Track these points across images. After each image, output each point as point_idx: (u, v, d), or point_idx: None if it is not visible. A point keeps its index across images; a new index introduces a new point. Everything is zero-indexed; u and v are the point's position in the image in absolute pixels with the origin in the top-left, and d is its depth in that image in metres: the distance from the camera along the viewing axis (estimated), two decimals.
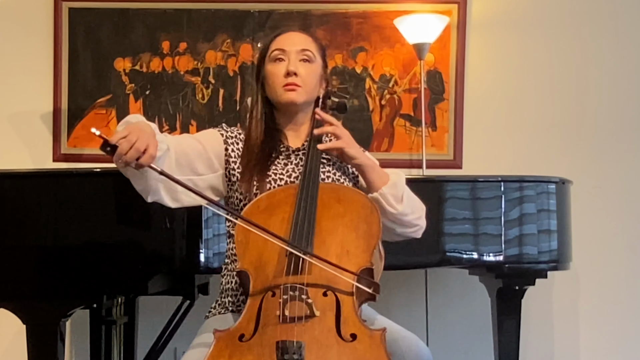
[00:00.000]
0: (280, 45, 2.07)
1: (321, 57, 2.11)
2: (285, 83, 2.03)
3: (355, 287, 1.76)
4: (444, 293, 3.58)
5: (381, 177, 2.00)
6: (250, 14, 3.67)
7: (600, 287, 3.68)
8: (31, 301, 2.44)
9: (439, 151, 3.67)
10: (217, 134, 2.08)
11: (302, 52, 2.06)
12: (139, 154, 1.74)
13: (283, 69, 2.04)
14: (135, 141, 1.73)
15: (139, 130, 1.77)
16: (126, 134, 1.74)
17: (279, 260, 1.78)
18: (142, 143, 1.74)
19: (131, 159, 1.73)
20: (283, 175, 2.04)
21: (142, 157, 1.74)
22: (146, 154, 1.75)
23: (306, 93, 2.06)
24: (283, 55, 2.05)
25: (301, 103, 2.06)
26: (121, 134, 1.74)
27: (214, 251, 2.51)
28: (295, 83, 2.03)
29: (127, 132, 1.75)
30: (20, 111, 3.69)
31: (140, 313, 3.12)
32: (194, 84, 3.68)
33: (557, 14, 3.72)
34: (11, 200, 2.50)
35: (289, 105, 2.07)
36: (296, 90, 2.03)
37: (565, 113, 3.71)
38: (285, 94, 2.04)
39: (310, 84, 2.07)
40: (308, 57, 2.06)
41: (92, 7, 3.67)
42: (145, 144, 1.74)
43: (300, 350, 1.62)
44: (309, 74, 2.06)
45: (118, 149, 1.72)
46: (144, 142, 1.74)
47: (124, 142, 1.73)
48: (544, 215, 2.91)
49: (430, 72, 3.66)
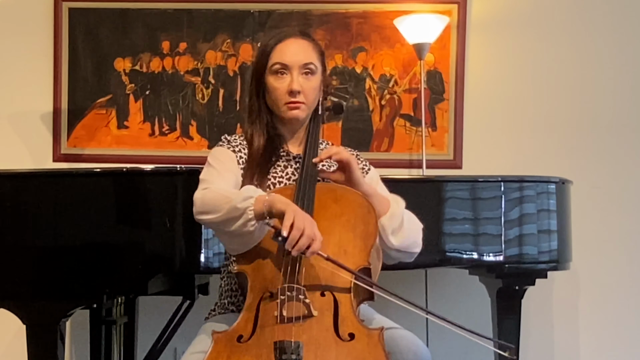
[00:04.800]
0: (282, 58, 2.05)
1: (321, 63, 2.11)
2: (289, 102, 2.04)
3: (354, 286, 1.76)
4: (444, 293, 3.58)
5: (381, 203, 1.98)
6: (250, 14, 3.67)
7: (600, 287, 3.68)
8: (31, 301, 2.44)
9: (439, 151, 3.67)
10: (229, 153, 2.08)
11: (304, 66, 2.05)
12: (310, 241, 1.74)
13: (285, 85, 2.04)
14: (304, 228, 1.74)
15: (302, 215, 1.77)
16: (292, 220, 1.74)
17: (277, 261, 1.79)
18: (310, 230, 1.74)
19: (303, 247, 1.73)
20: (283, 178, 2.06)
21: (313, 244, 1.74)
22: (316, 240, 1.75)
23: (309, 108, 2.08)
24: (285, 70, 2.05)
25: (304, 118, 2.09)
26: (288, 221, 1.74)
27: (214, 251, 2.51)
28: (299, 101, 2.04)
29: (292, 218, 1.75)
30: (20, 111, 3.69)
31: (140, 313, 3.12)
32: (194, 84, 3.68)
33: (557, 14, 3.72)
34: (11, 200, 2.50)
35: (291, 121, 2.09)
36: (300, 108, 2.05)
37: (565, 113, 3.70)
38: (289, 112, 2.05)
39: (313, 97, 2.08)
40: (311, 69, 2.06)
41: (92, 7, 3.67)
42: (313, 231, 1.75)
43: (299, 350, 1.62)
44: (311, 87, 2.06)
45: (289, 239, 1.73)
46: (310, 228, 1.75)
47: (295, 231, 1.73)
48: (544, 215, 2.91)
49: (430, 72, 3.66)
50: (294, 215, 1.74)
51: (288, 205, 1.78)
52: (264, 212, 1.79)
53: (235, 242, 1.87)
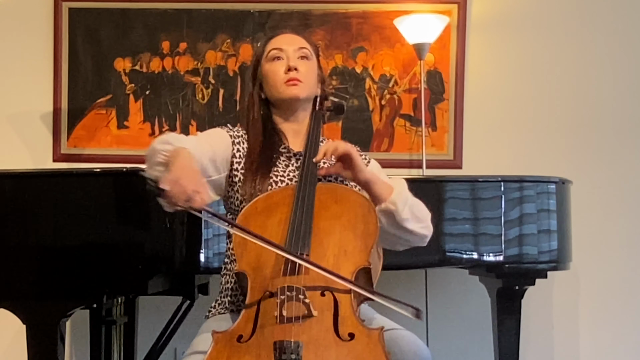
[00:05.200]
0: (278, 44, 2.11)
1: (316, 56, 2.15)
2: (288, 79, 2.06)
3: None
4: (444, 293, 3.58)
5: (386, 188, 1.98)
6: (250, 14, 3.67)
7: (600, 287, 3.68)
8: (31, 301, 2.44)
9: (439, 151, 3.67)
10: (226, 135, 2.09)
11: (299, 49, 2.10)
12: (188, 198, 1.69)
13: (283, 66, 2.07)
14: (186, 185, 1.69)
15: (189, 170, 1.74)
16: (176, 176, 1.71)
17: (277, 261, 1.79)
18: (191, 186, 1.69)
19: (183, 203, 1.69)
20: (284, 177, 2.05)
21: (194, 201, 1.70)
22: (197, 198, 1.70)
23: (308, 88, 2.09)
24: (281, 53, 2.09)
25: (303, 98, 2.09)
26: (171, 176, 1.71)
27: (214, 251, 2.51)
28: (297, 78, 2.06)
29: (176, 173, 1.71)
30: (20, 111, 3.69)
31: (140, 313, 3.12)
32: (194, 84, 3.68)
33: (557, 14, 3.72)
34: (11, 200, 2.50)
35: (291, 101, 2.08)
36: (298, 85, 2.06)
37: (565, 113, 3.70)
38: (288, 89, 2.06)
39: (310, 80, 2.10)
40: (305, 54, 2.10)
41: (92, 7, 3.67)
42: (195, 187, 1.70)
43: (299, 350, 1.62)
44: (308, 70, 2.09)
45: (169, 194, 1.69)
46: (193, 184, 1.70)
47: (175, 186, 1.69)
48: (544, 215, 2.91)
49: (430, 72, 3.66)
50: (178, 173, 1.71)
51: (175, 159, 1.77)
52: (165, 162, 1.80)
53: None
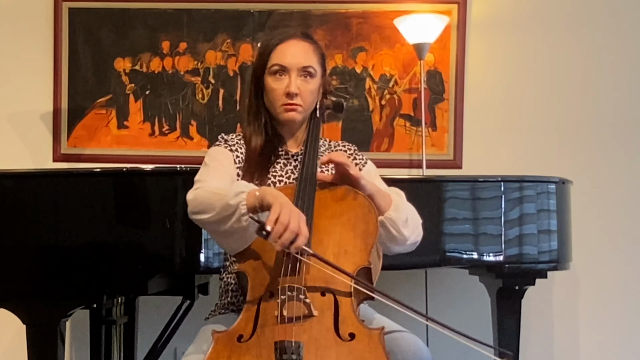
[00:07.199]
0: (281, 59, 2.05)
1: (321, 66, 2.10)
2: (286, 103, 2.04)
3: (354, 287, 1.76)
4: (444, 293, 3.58)
5: (385, 199, 1.97)
6: (250, 14, 3.67)
7: (600, 287, 3.68)
8: (31, 301, 2.44)
9: (439, 151, 3.67)
10: (227, 152, 2.08)
11: (303, 69, 2.05)
12: (293, 236, 1.70)
13: (283, 87, 2.04)
14: (289, 222, 1.70)
15: (289, 208, 1.73)
16: (277, 214, 1.71)
17: (277, 261, 1.79)
18: (295, 224, 1.71)
19: (286, 242, 1.70)
20: (283, 177, 2.06)
21: (297, 239, 1.71)
22: (301, 236, 1.71)
23: (305, 110, 2.08)
24: (284, 71, 2.04)
25: (300, 121, 2.09)
26: (273, 214, 1.71)
27: (214, 251, 2.51)
28: (295, 104, 2.04)
29: (278, 211, 1.71)
30: (20, 111, 3.69)
31: (140, 313, 3.12)
32: (194, 84, 3.68)
33: (557, 14, 3.72)
34: (11, 200, 2.50)
35: (288, 123, 2.09)
36: (296, 110, 2.05)
37: (565, 113, 3.70)
38: (285, 114, 2.05)
39: (310, 100, 2.07)
40: (309, 73, 2.06)
41: (92, 7, 3.67)
42: (298, 225, 1.72)
43: (299, 350, 1.62)
44: (309, 90, 2.06)
45: (273, 233, 1.69)
46: (296, 222, 1.71)
47: (278, 225, 1.70)
48: (544, 215, 2.91)
49: (430, 72, 3.66)
50: (280, 209, 1.72)
51: (276, 199, 1.75)
52: (256, 206, 1.77)
53: (231, 240, 1.86)
